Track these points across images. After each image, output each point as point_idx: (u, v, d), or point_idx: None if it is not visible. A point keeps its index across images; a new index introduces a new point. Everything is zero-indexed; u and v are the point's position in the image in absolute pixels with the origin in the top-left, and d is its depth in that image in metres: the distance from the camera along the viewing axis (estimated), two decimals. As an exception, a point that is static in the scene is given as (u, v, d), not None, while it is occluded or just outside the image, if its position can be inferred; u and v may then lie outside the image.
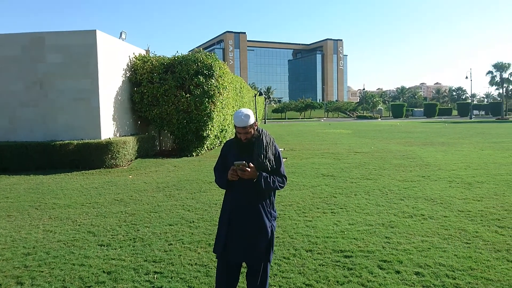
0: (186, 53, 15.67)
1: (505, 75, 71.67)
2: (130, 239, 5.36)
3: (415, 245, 4.93)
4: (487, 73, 72.79)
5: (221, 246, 3.21)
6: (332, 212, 6.58)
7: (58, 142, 11.69)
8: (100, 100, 12.50)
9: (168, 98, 14.55)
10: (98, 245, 5.17)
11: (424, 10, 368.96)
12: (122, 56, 14.42)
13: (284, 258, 4.62)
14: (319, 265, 4.40)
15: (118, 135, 13.58)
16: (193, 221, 6.13)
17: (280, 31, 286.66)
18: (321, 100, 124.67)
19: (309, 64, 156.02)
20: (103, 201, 7.70)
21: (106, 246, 5.12)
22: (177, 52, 15.78)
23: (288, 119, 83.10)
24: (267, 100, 67.46)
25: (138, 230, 5.78)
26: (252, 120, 3.17)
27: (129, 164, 12.53)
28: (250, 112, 3.20)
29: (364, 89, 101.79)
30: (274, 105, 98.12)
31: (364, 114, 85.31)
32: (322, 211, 6.66)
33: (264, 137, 3.25)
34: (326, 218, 6.26)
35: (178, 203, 7.39)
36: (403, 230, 5.58)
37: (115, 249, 5.00)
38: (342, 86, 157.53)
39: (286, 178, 3.37)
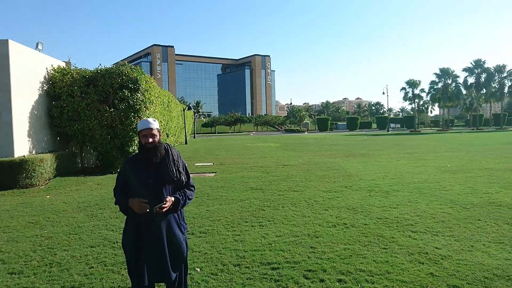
0: (110, 66, 15.11)
1: (416, 91, 78.43)
2: (46, 265, 4.97)
3: (338, 253, 5.14)
4: (401, 89, 79.15)
5: (136, 271, 3.08)
6: (260, 225, 6.66)
7: (-38, 161, 10.59)
8: (13, 115, 11.59)
9: (91, 113, 13.90)
10: (8, 273, 4.72)
11: (345, 32, 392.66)
12: (38, 68, 13.53)
13: (212, 274, 4.56)
14: (247, 279, 4.41)
15: (34, 152, 12.63)
16: (116, 242, 5.84)
17: (209, 46, 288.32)
18: (250, 114, 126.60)
19: (238, 78, 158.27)
20: (16, 224, 7.08)
21: (18, 274, 4.70)
22: (100, 65, 15.18)
23: (218, 133, 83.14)
24: (196, 114, 66.96)
25: (55, 254, 5.38)
26: (158, 125, 3.21)
27: (47, 183, 11.69)
28: (156, 120, 3.25)
29: (291, 103, 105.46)
30: (204, 120, 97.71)
31: (291, 128, 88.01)
32: (250, 225, 6.71)
33: (172, 151, 3.23)
34: (254, 231, 6.31)
35: (100, 223, 7.02)
36: (327, 239, 5.79)
37: (28, 276, 4.61)
38: (271, 101, 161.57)
39: (194, 188, 3.42)
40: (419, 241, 5.61)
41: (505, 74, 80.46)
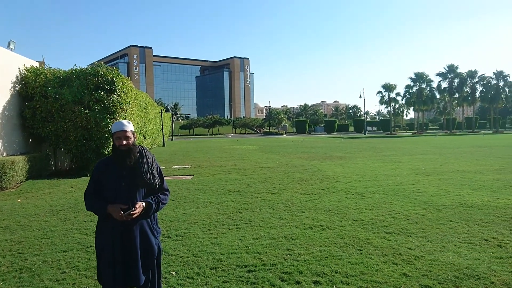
0: (86, 67, 14.83)
1: (392, 95, 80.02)
2: (16, 270, 4.83)
3: (314, 255, 5.18)
4: (377, 93, 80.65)
5: (108, 275, 3.03)
6: (237, 228, 6.64)
7: None
8: (-17, 116, 11.22)
9: (65, 114, 13.60)
10: (-24, 279, 4.56)
11: (323, 35, 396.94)
12: (10, 67, 13.16)
13: (188, 277, 4.52)
14: (223, 282, 4.39)
15: (5, 154, 12.27)
16: (90, 246, 5.72)
17: (187, 48, 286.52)
18: (229, 117, 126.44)
19: (217, 81, 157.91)
20: (-16, 229, 6.84)
21: (-15, 280, 4.54)
22: (75, 65, 14.87)
23: (196, 135, 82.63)
24: (174, 116, 66.43)
25: (25, 259, 5.23)
26: (132, 127, 3.17)
27: (18, 186, 11.36)
28: (130, 122, 3.21)
29: (270, 106, 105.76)
30: (182, 122, 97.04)
31: (270, 130, 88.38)
32: (227, 227, 6.68)
33: (146, 154, 3.19)
34: (231, 234, 6.29)
35: (74, 227, 6.86)
36: (303, 241, 5.83)
37: (-3, 282, 4.46)
38: (249, 103, 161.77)
39: (169, 191, 3.38)
40: (393, 242, 5.71)
41: (476, 79, 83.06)
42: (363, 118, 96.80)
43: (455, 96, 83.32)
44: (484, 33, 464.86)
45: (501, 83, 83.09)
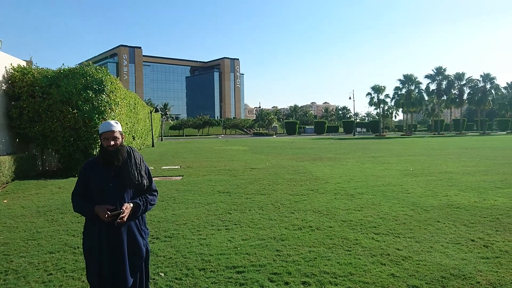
0: (74, 66, 14.68)
1: (381, 97, 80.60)
2: (1, 272, 4.76)
3: (303, 256, 5.19)
4: (367, 95, 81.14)
5: (96, 277, 3.00)
6: (226, 229, 6.63)
7: None
8: (-32, 115, 11.04)
9: (53, 114, 13.46)
10: (-41, 282, 4.48)
11: (314, 37, 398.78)
12: (-4, 66, 12.97)
13: (176, 279, 4.50)
14: (212, 283, 4.38)
15: (-10, 155, 12.08)
16: (77, 247, 5.66)
17: (177, 48, 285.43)
18: (219, 117, 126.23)
19: (207, 81, 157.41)
20: (-31, 230, 6.73)
21: (-30, 282, 4.46)
22: (63, 64, 14.71)
23: (186, 136, 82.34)
24: (164, 117, 66.02)
25: (11, 261, 5.16)
26: (120, 127, 3.15)
27: (4, 187, 11.19)
28: (118, 122, 3.18)
29: (260, 107, 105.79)
30: (172, 122, 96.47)
31: (260, 131, 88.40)
32: (216, 228, 6.67)
33: (134, 154, 3.17)
34: (220, 235, 6.28)
35: (61, 228, 6.78)
36: (292, 242, 5.84)
37: (-19, 285, 4.39)
38: (239, 104, 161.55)
39: (157, 192, 3.35)
40: (381, 242, 5.75)
41: (464, 82, 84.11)
42: (353, 119, 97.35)
43: (443, 98, 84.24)
44: (472, 37, 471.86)
45: (488, 86, 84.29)
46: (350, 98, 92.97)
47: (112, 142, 3.03)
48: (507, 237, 5.91)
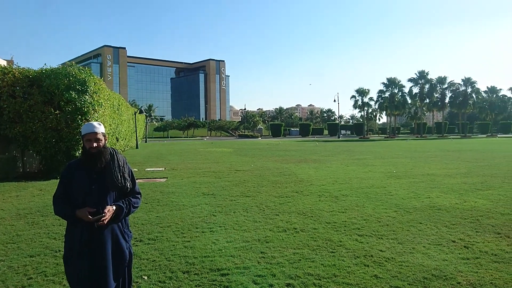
0: (56, 66, 14.45)
1: (366, 100, 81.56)
2: (-21, 277, 4.64)
3: (287, 258, 5.21)
4: (351, 97, 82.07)
5: (76, 282, 2.94)
6: (211, 231, 6.60)
7: None
8: None
9: (34, 115, 13.22)
10: None
11: (298, 39, 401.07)
12: (-24, 66, 12.68)
13: (160, 282, 4.46)
14: (196, 286, 4.35)
15: (-31, 156, 11.79)
16: (59, 250, 5.56)
17: (162, 49, 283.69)
18: (204, 119, 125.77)
19: (192, 83, 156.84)
20: None
21: None
22: (45, 64, 14.47)
23: (170, 137, 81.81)
24: (148, 118, 65.50)
25: (-11, 265, 5.04)
26: (103, 129, 3.11)
27: (-17, 189, 10.93)
28: (101, 124, 3.14)
29: (245, 109, 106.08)
30: (156, 124, 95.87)
31: (245, 133, 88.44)
32: (201, 231, 6.63)
33: (117, 156, 3.13)
34: (204, 237, 6.25)
35: (42, 231, 6.66)
36: (277, 244, 5.85)
37: (-42, 290, 4.28)
38: (225, 106, 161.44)
39: (141, 195, 3.32)
40: (365, 244, 5.80)
41: (446, 85, 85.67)
42: (337, 122, 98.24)
43: (425, 101, 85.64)
44: (454, 42, 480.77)
45: (469, 90, 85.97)
46: (334, 100, 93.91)
47: (95, 144, 2.98)
48: (486, 238, 6.03)
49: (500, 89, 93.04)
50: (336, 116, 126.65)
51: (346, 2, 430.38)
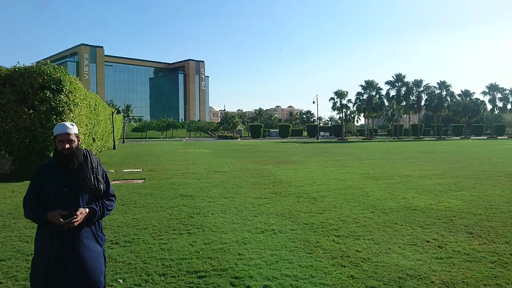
0: (30, 65, 14.09)
1: (344, 102, 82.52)
2: None
3: (265, 259, 5.21)
4: (330, 99, 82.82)
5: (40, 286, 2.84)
6: (188, 233, 6.55)
7: None
8: None
9: (7, 114, 12.87)
10: None
11: (278, 40, 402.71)
12: None
13: (136, 285, 4.39)
14: (172, 288, 4.30)
15: None
16: (31, 254, 5.39)
17: (141, 49, 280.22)
18: (183, 120, 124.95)
19: (171, 83, 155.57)
20: None
21: None
22: (18, 63, 14.10)
23: (149, 138, 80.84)
24: (126, 118, 64.60)
25: (-43, 270, 4.86)
26: (76, 130, 3.04)
27: (-48, 191, 10.56)
28: (74, 124, 3.07)
29: (225, 110, 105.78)
30: (134, 124, 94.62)
31: (225, 134, 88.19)
32: (178, 233, 6.57)
33: (91, 158, 3.06)
34: (182, 239, 6.19)
35: (13, 234, 6.47)
36: (255, 245, 5.84)
37: None
38: (204, 106, 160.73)
39: (115, 197, 3.25)
40: (342, 245, 5.86)
41: (422, 88, 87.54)
42: (316, 123, 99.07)
43: (402, 104, 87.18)
44: (430, 45, 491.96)
45: (444, 93, 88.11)
46: (314, 102, 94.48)
47: (67, 145, 2.91)
48: (459, 238, 6.18)
49: (473, 93, 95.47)
50: (315, 118, 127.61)
51: (324, 4, 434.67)
